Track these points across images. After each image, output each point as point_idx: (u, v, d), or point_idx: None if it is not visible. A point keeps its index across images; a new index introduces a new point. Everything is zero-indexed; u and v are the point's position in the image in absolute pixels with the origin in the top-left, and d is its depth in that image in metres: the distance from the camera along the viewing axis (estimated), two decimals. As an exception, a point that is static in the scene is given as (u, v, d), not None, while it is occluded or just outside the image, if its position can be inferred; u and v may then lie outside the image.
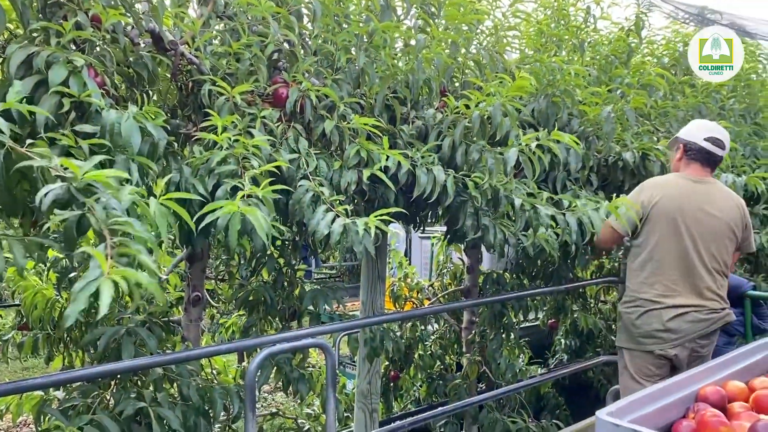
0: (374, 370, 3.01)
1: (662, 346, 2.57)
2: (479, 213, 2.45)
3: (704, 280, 2.57)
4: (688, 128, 2.72)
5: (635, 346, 2.63)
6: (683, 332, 2.55)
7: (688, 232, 2.57)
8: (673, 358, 2.59)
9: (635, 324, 2.62)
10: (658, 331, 2.57)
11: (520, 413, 3.65)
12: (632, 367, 2.65)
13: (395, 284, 3.72)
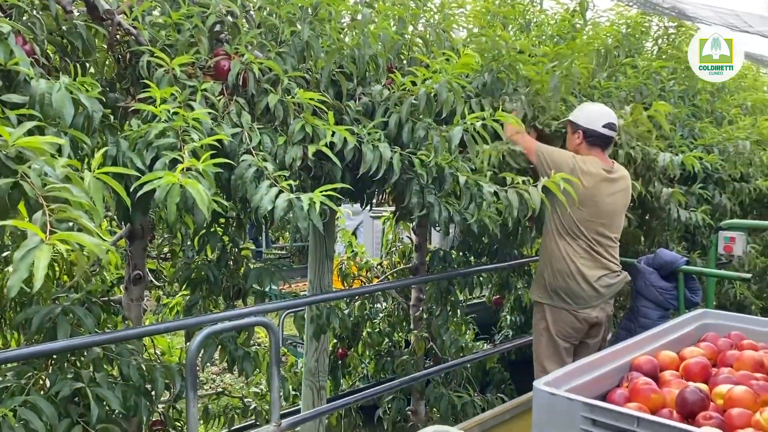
0: (322, 348, 3.01)
1: (587, 309, 2.89)
2: (425, 190, 2.46)
3: (614, 249, 2.98)
4: (586, 115, 2.92)
5: (561, 305, 2.88)
6: (604, 293, 2.90)
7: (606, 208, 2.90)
8: (594, 320, 2.92)
9: (563, 286, 2.87)
10: (583, 291, 2.86)
11: (466, 388, 3.72)
12: (554, 327, 2.90)
13: (344, 263, 3.72)
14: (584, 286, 2.85)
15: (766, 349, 2.14)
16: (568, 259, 2.87)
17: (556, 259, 2.89)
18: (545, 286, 2.93)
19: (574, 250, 2.87)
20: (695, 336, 2.30)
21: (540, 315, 2.97)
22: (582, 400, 1.56)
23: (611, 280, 2.93)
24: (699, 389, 1.72)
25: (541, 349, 2.94)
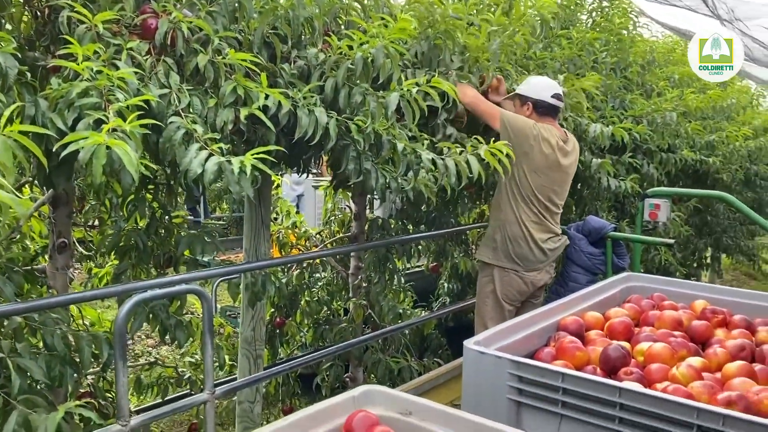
0: (258, 317, 2.98)
1: (533, 272, 3.05)
2: (362, 157, 2.44)
3: (559, 215, 3.16)
4: (533, 88, 3.04)
5: (510, 267, 3.01)
6: (550, 256, 3.06)
7: (558, 176, 3.05)
8: (539, 283, 3.08)
9: (515, 249, 3.01)
10: (533, 254, 3.01)
11: (404, 354, 3.78)
12: (501, 290, 3.03)
13: (281, 232, 3.68)
14: (534, 249, 3.00)
15: (685, 309, 2.25)
16: (522, 224, 2.99)
17: (510, 223, 3.01)
18: (496, 249, 3.04)
19: (528, 215, 3.00)
20: (620, 298, 2.40)
21: (488, 278, 3.07)
22: (509, 358, 1.60)
23: (555, 243, 3.10)
24: (621, 346, 1.80)
25: (486, 311, 3.05)
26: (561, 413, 1.54)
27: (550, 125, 3.03)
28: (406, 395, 1.35)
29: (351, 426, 1.25)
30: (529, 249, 3.00)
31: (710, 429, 1.35)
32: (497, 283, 3.04)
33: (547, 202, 3.04)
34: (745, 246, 8.20)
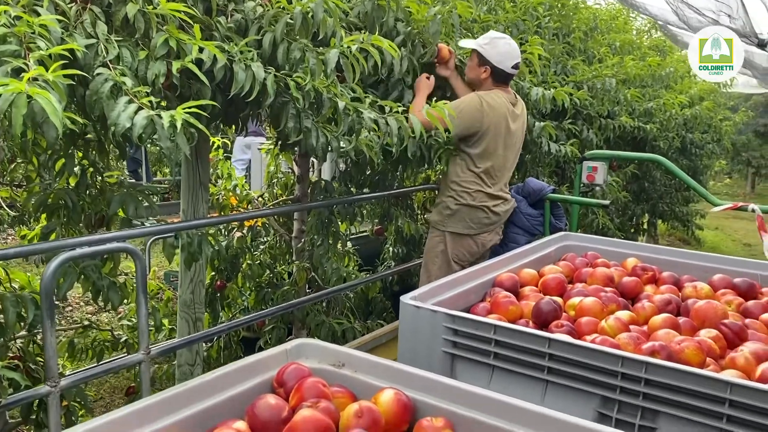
0: (197, 280, 2.93)
1: (485, 233, 3.12)
2: (301, 115, 2.40)
3: (508, 179, 3.21)
4: (498, 54, 2.99)
5: (464, 231, 3.08)
6: (502, 217, 3.16)
7: (509, 141, 3.11)
8: (489, 245, 3.16)
9: (468, 214, 3.07)
10: (487, 217, 3.09)
11: (348, 317, 3.79)
12: (452, 251, 3.09)
13: (221, 193, 3.60)
14: (488, 213, 3.07)
15: (617, 266, 2.32)
16: (475, 189, 3.05)
17: (462, 188, 3.06)
18: (450, 215, 3.09)
19: (481, 180, 3.05)
20: (556, 256, 2.45)
21: (439, 238, 3.13)
22: (444, 312, 1.62)
23: (506, 206, 3.18)
24: (553, 301, 1.84)
25: (434, 271, 3.10)
26: (493, 364, 1.58)
27: (500, 90, 3.05)
28: (339, 347, 1.35)
29: (282, 378, 1.24)
30: (483, 213, 3.08)
31: (633, 376, 1.40)
32: (449, 245, 3.11)
33: (499, 166, 3.09)
34: (679, 212, 8.54)
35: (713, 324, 1.76)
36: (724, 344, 1.69)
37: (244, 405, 1.17)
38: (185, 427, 1.10)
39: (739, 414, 1.30)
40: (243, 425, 1.12)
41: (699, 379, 1.33)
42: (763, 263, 2.29)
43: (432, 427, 1.14)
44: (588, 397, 1.46)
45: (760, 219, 2.90)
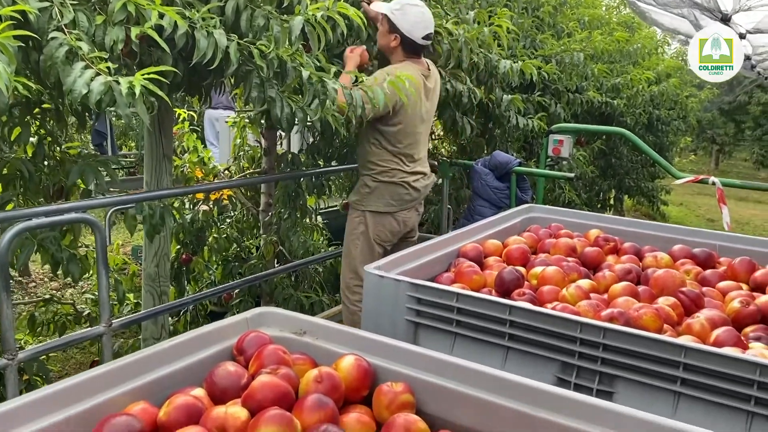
0: (162, 253, 2.89)
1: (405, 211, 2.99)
2: (265, 85, 2.36)
3: (426, 150, 3.09)
4: (408, 23, 2.80)
5: (384, 209, 2.94)
6: (422, 193, 3.04)
7: (425, 115, 3.00)
8: (411, 223, 3.05)
9: (387, 191, 2.93)
10: (407, 193, 2.95)
11: (317, 290, 3.79)
12: (373, 231, 2.95)
13: (185, 166, 3.55)
14: (409, 189, 2.94)
15: (580, 237, 2.35)
16: (391, 165, 2.91)
17: (378, 165, 2.92)
18: (369, 194, 2.94)
19: (396, 157, 2.91)
20: (521, 228, 2.47)
21: (359, 219, 2.96)
22: (408, 281, 1.63)
23: (426, 181, 3.06)
24: (516, 270, 1.86)
25: (356, 254, 2.95)
26: (455, 332, 1.59)
27: (412, 62, 2.88)
28: (300, 315, 1.35)
29: (242, 346, 1.23)
30: (404, 189, 2.94)
31: (592, 341, 1.43)
32: (370, 225, 2.95)
33: (414, 140, 2.96)
34: (645, 187, 8.69)
35: (671, 292, 1.80)
36: (681, 311, 1.73)
37: (203, 373, 1.16)
38: (143, 395, 1.09)
39: (693, 377, 1.33)
40: (201, 392, 1.11)
41: (655, 343, 1.36)
42: (722, 234, 2.34)
43: (392, 392, 1.14)
44: (547, 362, 1.48)
45: (720, 192, 2.96)
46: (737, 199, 13.47)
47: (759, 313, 1.69)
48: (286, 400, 1.05)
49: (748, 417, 1.29)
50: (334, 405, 1.06)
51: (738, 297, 1.75)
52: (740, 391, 1.29)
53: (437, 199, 4.55)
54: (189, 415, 1.01)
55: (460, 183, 4.59)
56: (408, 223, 3.03)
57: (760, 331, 1.62)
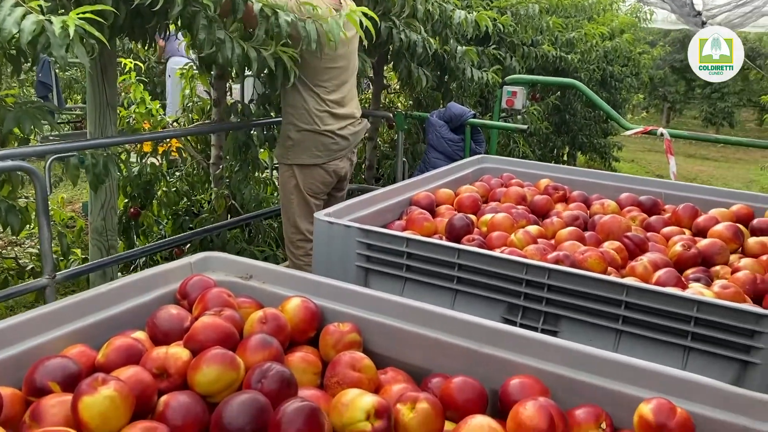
0: (108, 206, 2.81)
1: (335, 161, 2.85)
2: (213, 26, 2.27)
3: (354, 94, 2.93)
4: None
5: (311, 161, 2.81)
6: (352, 141, 2.89)
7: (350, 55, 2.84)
8: (342, 172, 2.92)
9: (312, 141, 2.78)
10: (334, 142, 2.81)
11: (271, 245, 3.76)
12: (305, 185, 2.82)
13: (132, 117, 3.43)
14: (334, 137, 2.80)
15: (530, 186, 2.37)
16: (313, 114, 2.76)
17: (300, 115, 2.77)
18: (293, 146, 2.81)
19: (316, 102, 2.76)
20: (473, 177, 2.48)
21: (288, 174, 2.85)
22: (358, 226, 1.62)
23: (356, 128, 2.91)
24: (466, 216, 1.86)
25: (293, 209, 2.87)
26: (405, 277, 1.59)
27: None
28: (246, 260, 1.33)
29: (185, 290, 1.21)
30: (330, 139, 2.79)
31: (537, 282, 1.45)
32: (300, 179, 2.82)
33: (337, 83, 2.80)
34: (598, 144, 8.83)
35: (617, 237, 1.83)
36: (625, 255, 1.77)
37: (145, 317, 1.14)
38: (82, 338, 1.06)
39: (634, 315, 1.37)
40: (143, 335, 1.09)
41: (598, 283, 1.39)
42: (668, 182, 2.40)
43: (338, 332, 1.14)
44: (494, 304, 1.50)
45: (668, 142, 3.02)
46: (685, 156, 13.83)
47: (700, 255, 1.75)
48: (229, 341, 1.04)
49: (685, 352, 1.34)
50: (279, 345, 1.05)
51: (680, 241, 1.80)
52: (678, 328, 1.33)
53: (393, 154, 4.53)
54: (129, 357, 0.99)
55: (416, 137, 4.57)
56: (340, 172, 2.89)
57: (699, 272, 1.68)
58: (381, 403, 0.91)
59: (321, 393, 1.02)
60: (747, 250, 1.86)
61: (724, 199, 2.23)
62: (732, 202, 2.16)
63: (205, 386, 0.94)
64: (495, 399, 1.05)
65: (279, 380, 0.94)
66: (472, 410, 0.98)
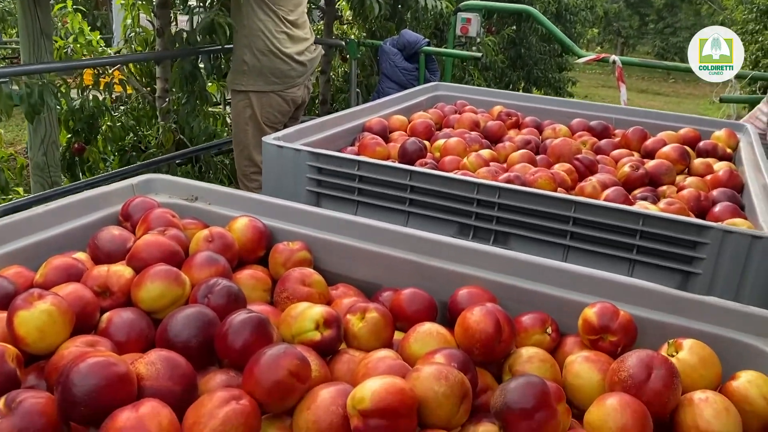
0: (49, 141, 2.70)
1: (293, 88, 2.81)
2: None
3: (306, 21, 2.88)
4: None
5: (268, 88, 2.75)
6: (309, 67, 2.85)
7: None
8: (299, 100, 2.88)
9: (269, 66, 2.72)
10: (291, 69, 2.76)
11: (223, 182, 3.69)
12: (261, 114, 2.77)
13: (70, 47, 3.25)
14: (291, 63, 2.74)
15: (483, 113, 2.36)
16: (270, 36, 2.68)
17: (256, 37, 2.69)
18: (248, 71, 2.73)
19: (274, 26, 2.69)
20: (427, 105, 2.45)
21: (243, 103, 2.77)
22: (308, 150, 1.58)
23: (312, 54, 2.87)
24: (419, 140, 1.85)
25: (248, 140, 2.81)
26: (358, 200, 1.58)
27: None
28: (191, 181, 1.29)
29: (128, 211, 1.17)
30: (287, 65, 2.73)
31: (488, 202, 1.45)
32: (256, 108, 2.76)
33: (295, 2, 2.75)
34: (553, 78, 8.84)
35: (567, 159, 1.85)
36: (575, 177, 1.78)
37: (86, 239, 1.10)
38: (19, 259, 1.02)
39: (582, 231, 1.39)
40: (84, 256, 1.05)
41: (547, 200, 1.40)
42: (618, 107, 2.42)
43: (288, 250, 1.12)
44: (446, 225, 1.50)
45: (619, 70, 3.04)
46: (638, 92, 14.02)
47: (647, 176, 1.78)
48: (174, 260, 1.01)
49: (630, 265, 1.37)
50: (227, 262, 1.03)
51: (629, 162, 1.82)
52: (624, 242, 1.36)
53: (346, 87, 4.45)
54: (68, 276, 0.95)
55: (371, 70, 4.49)
56: (297, 100, 2.84)
57: (647, 192, 1.71)
58: (330, 312, 0.91)
59: (271, 308, 1.01)
60: (693, 170, 1.90)
61: (672, 123, 2.26)
62: (680, 126, 2.19)
63: (150, 303, 0.92)
64: (445, 311, 1.06)
65: (226, 295, 0.93)
66: (421, 320, 0.98)
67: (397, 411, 0.71)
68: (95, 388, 0.69)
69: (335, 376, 0.87)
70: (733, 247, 1.26)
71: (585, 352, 0.94)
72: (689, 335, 0.93)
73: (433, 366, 0.78)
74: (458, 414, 0.76)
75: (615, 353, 0.92)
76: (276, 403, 0.75)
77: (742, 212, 1.58)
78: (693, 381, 0.87)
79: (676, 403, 0.83)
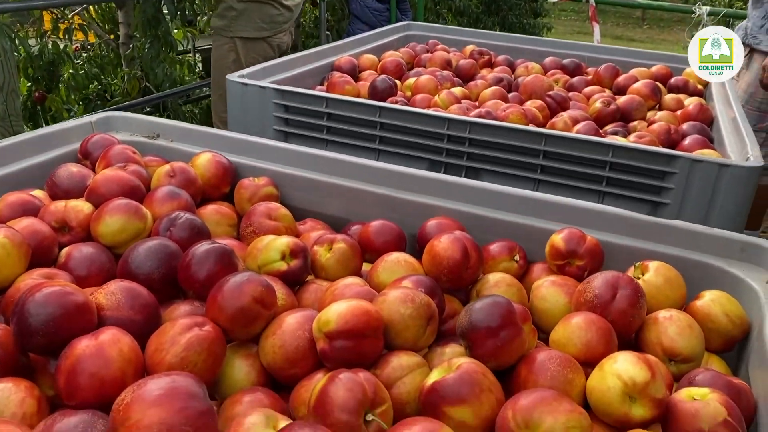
0: (9, 89, 2.59)
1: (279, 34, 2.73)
2: None
3: None
4: None
5: (256, 34, 2.67)
6: (294, 12, 2.78)
7: None
8: (284, 47, 2.81)
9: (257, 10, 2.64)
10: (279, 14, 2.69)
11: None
12: (246, 60, 2.68)
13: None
14: (279, 8, 2.68)
15: (456, 52, 2.31)
16: None
17: None
18: (236, 16, 2.64)
19: None
20: (398, 44, 2.40)
21: (228, 46, 2.68)
22: (274, 87, 1.54)
23: None
24: (389, 78, 1.81)
25: None
26: (327, 139, 1.55)
27: None
28: (152, 118, 1.25)
29: (86, 148, 1.13)
30: (275, 10, 2.66)
31: (459, 137, 1.44)
32: (242, 53, 2.66)
33: None
34: (528, 24, 8.72)
35: (539, 96, 1.83)
36: (547, 113, 1.77)
37: (44, 177, 1.06)
38: (-28, 201, 0.98)
39: (552, 164, 1.38)
40: (41, 194, 1.02)
41: (518, 133, 1.39)
42: (591, 45, 2.39)
43: (253, 185, 1.10)
44: (417, 162, 1.48)
45: (592, 9, 2.99)
46: (612, 38, 13.93)
47: (618, 111, 1.77)
48: (134, 195, 0.98)
49: (600, 197, 1.37)
50: (189, 197, 1.01)
51: (600, 98, 1.81)
52: (594, 174, 1.36)
53: (317, 32, 4.34)
54: (25, 212, 0.92)
55: (341, 14, 4.38)
56: (282, 46, 2.78)
57: (618, 126, 1.70)
58: (296, 243, 0.90)
59: (237, 242, 1.00)
60: (664, 105, 1.90)
61: (645, 60, 2.25)
62: (652, 63, 2.18)
63: (110, 237, 0.89)
64: (415, 244, 1.05)
65: (189, 227, 0.91)
66: (390, 251, 0.98)
67: (363, 332, 0.70)
68: (52, 317, 0.67)
69: (302, 306, 0.87)
70: (701, 176, 1.27)
71: (552, 276, 0.94)
72: (656, 259, 0.94)
73: (400, 289, 0.78)
74: (424, 336, 0.76)
75: (582, 278, 0.92)
76: (240, 329, 0.74)
77: (711, 144, 1.58)
78: (658, 302, 0.88)
79: (642, 322, 0.84)
